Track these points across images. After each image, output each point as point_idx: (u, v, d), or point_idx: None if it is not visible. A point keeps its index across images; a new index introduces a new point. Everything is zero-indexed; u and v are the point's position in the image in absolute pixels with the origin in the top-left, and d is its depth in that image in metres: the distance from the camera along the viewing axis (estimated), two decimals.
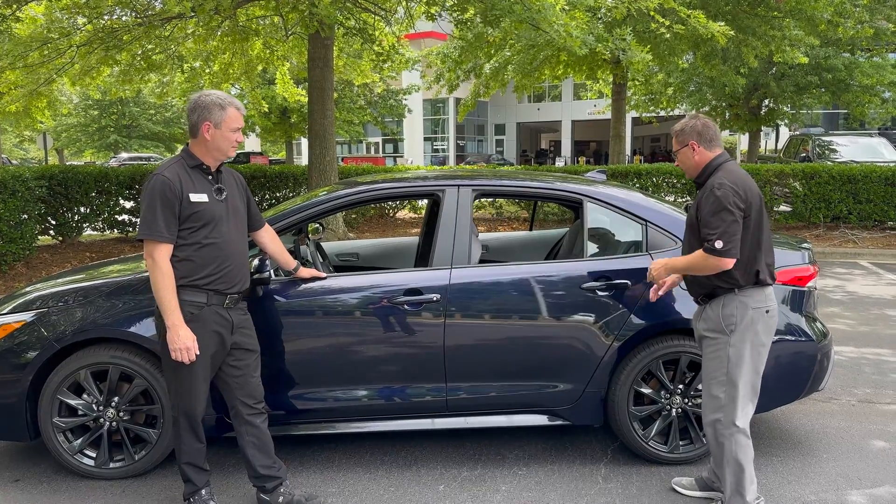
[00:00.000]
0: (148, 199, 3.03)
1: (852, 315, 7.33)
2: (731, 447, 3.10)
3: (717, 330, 3.11)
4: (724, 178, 3.05)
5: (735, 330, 3.07)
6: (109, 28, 9.86)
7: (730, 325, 3.08)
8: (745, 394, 3.10)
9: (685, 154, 3.22)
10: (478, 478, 3.66)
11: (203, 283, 3.09)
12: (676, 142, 3.25)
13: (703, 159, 3.18)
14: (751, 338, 3.07)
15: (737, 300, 3.07)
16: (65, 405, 3.60)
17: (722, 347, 3.10)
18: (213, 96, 3.12)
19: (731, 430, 3.10)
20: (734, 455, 3.10)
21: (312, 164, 10.51)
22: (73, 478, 3.66)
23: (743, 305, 3.07)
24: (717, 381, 3.12)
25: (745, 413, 3.12)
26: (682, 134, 3.22)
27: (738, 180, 3.04)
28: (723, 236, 2.95)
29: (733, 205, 2.98)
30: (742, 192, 3.01)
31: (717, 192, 2.99)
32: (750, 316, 3.06)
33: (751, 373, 3.10)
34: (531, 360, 3.69)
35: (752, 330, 3.07)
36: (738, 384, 3.08)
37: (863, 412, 4.59)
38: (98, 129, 42.02)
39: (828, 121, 37.52)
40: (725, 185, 3.01)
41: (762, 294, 3.10)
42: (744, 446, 3.10)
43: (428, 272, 3.71)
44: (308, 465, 3.81)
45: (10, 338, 3.61)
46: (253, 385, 3.30)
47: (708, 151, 3.18)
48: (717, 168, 3.15)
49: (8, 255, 8.57)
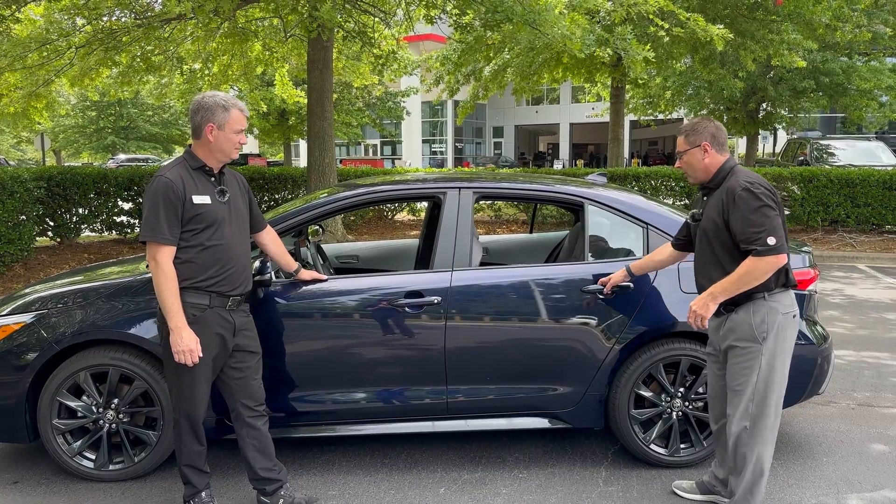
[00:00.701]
0: (150, 200, 3.02)
1: (851, 319, 7.34)
2: (756, 453, 3.02)
3: (749, 339, 2.98)
4: (750, 177, 2.95)
5: (767, 337, 2.96)
6: (109, 29, 9.86)
7: (762, 332, 2.96)
8: (776, 401, 3.02)
9: (694, 155, 3.11)
10: (478, 481, 3.65)
11: (206, 285, 3.09)
12: (686, 142, 3.13)
13: (714, 162, 3.10)
14: (781, 344, 2.99)
15: (766, 306, 2.96)
16: (64, 407, 3.58)
17: (754, 357, 2.98)
18: (216, 98, 3.11)
19: (762, 438, 3.02)
20: (759, 462, 3.03)
21: (311, 165, 10.51)
22: (73, 480, 3.65)
23: (773, 311, 2.96)
24: (748, 391, 3.00)
25: (776, 420, 3.05)
26: (695, 133, 3.11)
27: (762, 180, 2.96)
28: (773, 231, 2.84)
29: (770, 200, 2.90)
30: (771, 191, 2.93)
31: (755, 191, 2.88)
32: (780, 322, 2.97)
33: (782, 379, 3.02)
34: (532, 363, 3.69)
35: (783, 336, 2.98)
36: (770, 392, 2.99)
37: (862, 416, 4.60)
38: (96, 130, 41.97)
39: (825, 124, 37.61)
40: (756, 182, 2.92)
41: (789, 298, 3.02)
42: (765, 459, 3.04)
43: (429, 274, 3.71)
44: (309, 468, 3.81)
45: (9, 339, 3.60)
46: (254, 387, 3.29)
47: (719, 155, 3.10)
48: (731, 171, 3.07)
49: (6, 257, 8.55)
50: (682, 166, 3.19)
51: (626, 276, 3.61)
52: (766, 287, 2.95)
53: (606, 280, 3.63)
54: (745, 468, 3.05)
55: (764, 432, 3.02)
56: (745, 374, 3.01)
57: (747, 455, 3.04)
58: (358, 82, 14.24)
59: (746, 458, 3.04)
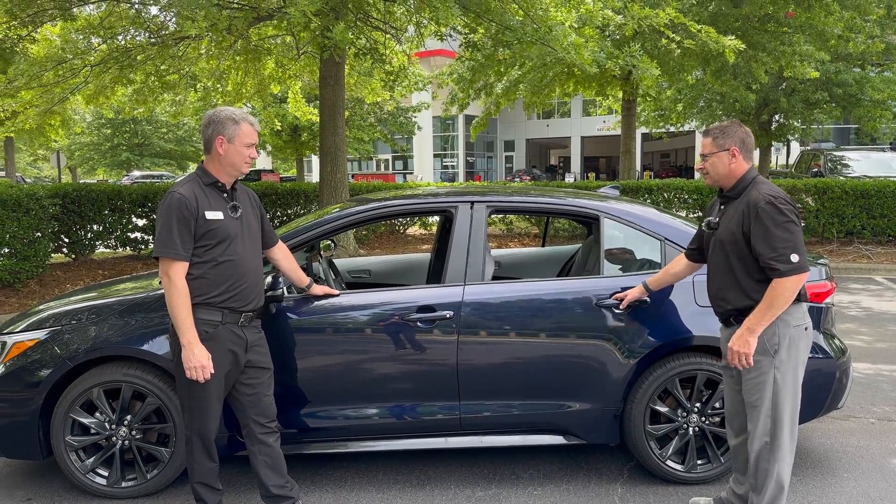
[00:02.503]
0: (164, 216, 3.03)
1: (869, 331, 7.24)
2: (776, 469, 2.98)
3: (761, 352, 2.94)
4: (773, 191, 2.91)
5: (779, 350, 2.93)
6: (124, 48, 9.97)
7: (773, 345, 2.93)
8: (791, 414, 2.98)
9: (721, 159, 3.03)
10: (492, 497, 3.61)
11: (218, 301, 3.08)
12: (714, 144, 3.04)
13: (739, 169, 3.04)
14: (794, 357, 2.95)
15: (779, 318, 2.91)
16: (77, 423, 3.58)
17: (766, 370, 2.95)
18: (227, 112, 3.13)
19: (780, 453, 2.98)
20: (779, 477, 2.98)
21: (323, 181, 10.55)
22: (85, 497, 3.64)
23: (785, 324, 2.92)
24: (765, 405, 2.96)
25: (793, 433, 3.00)
26: (724, 136, 3.03)
27: (784, 194, 2.92)
28: (796, 248, 2.82)
29: (793, 214, 2.86)
30: (794, 205, 2.90)
31: (779, 206, 2.84)
32: (791, 335, 2.93)
33: (795, 392, 2.98)
34: (545, 378, 3.65)
35: (794, 348, 2.95)
36: (785, 406, 2.95)
37: (882, 430, 4.52)
38: (111, 147, 42.42)
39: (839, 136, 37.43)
40: (781, 197, 2.87)
41: (800, 311, 2.98)
42: (785, 473, 3.00)
43: (441, 289, 3.69)
44: (320, 485, 3.78)
45: (23, 356, 3.61)
46: (266, 404, 3.28)
47: (745, 162, 3.05)
48: (753, 182, 3.02)
49: (21, 273, 8.62)
50: (706, 168, 3.10)
51: (644, 293, 3.58)
52: None
53: (623, 296, 3.60)
54: (766, 484, 3.00)
55: (783, 446, 2.98)
56: (759, 388, 2.97)
57: (768, 470, 2.99)
58: (370, 98, 14.30)
59: (768, 473, 2.99)
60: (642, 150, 47.00)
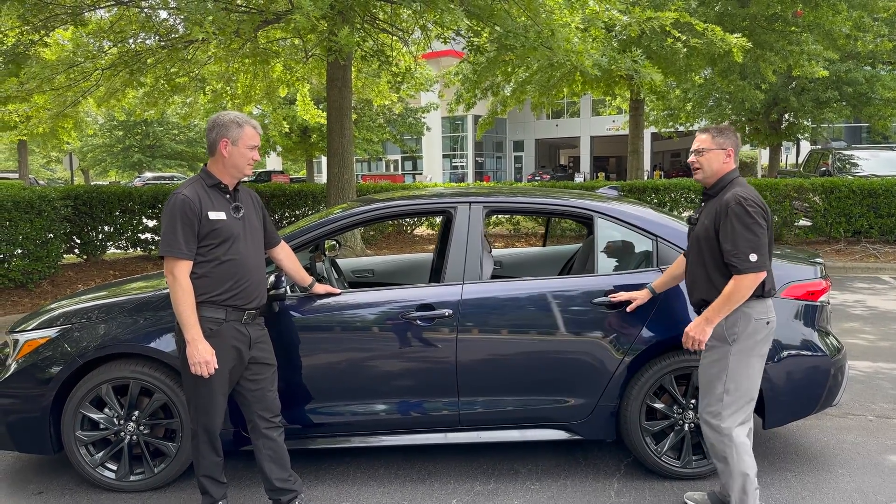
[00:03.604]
0: (168, 217, 3.12)
1: (872, 330, 7.26)
2: (734, 457, 3.12)
3: (720, 339, 3.14)
4: (746, 192, 3.08)
5: (737, 340, 3.11)
6: (134, 52, 10.11)
7: (732, 334, 3.11)
8: (744, 403, 3.13)
9: (716, 156, 3.19)
10: (491, 492, 3.69)
11: (221, 299, 3.17)
12: (713, 141, 3.20)
13: (726, 169, 3.21)
14: (751, 348, 3.11)
15: (739, 311, 3.10)
16: (87, 419, 3.69)
17: (723, 356, 3.13)
18: (231, 115, 3.22)
19: (731, 440, 3.12)
20: (738, 466, 3.12)
21: (331, 182, 10.65)
22: (95, 490, 3.74)
23: (746, 316, 3.10)
24: (717, 390, 3.15)
25: (745, 422, 3.15)
26: (723, 136, 3.20)
27: (756, 196, 3.09)
28: (756, 249, 3.00)
29: (760, 217, 3.03)
30: (763, 207, 3.06)
31: (748, 207, 3.01)
32: (752, 326, 3.10)
33: (749, 382, 3.13)
34: (543, 375, 3.73)
35: (753, 340, 3.11)
36: (737, 393, 3.12)
37: (879, 427, 4.56)
38: (123, 149, 42.78)
39: (850, 134, 37.22)
40: (750, 199, 3.05)
41: (764, 305, 3.14)
42: (745, 455, 3.13)
43: (440, 288, 3.77)
44: (324, 479, 3.87)
45: (35, 353, 3.72)
46: (270, 399, 3.37)
47: (734, 164, 3.24)
48: (733, 181, 3.19)
49: (34, 274, 8.77)
50: (700, 162, 3.24)
51: (650, 296, 3.64)
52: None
53: (628, 298, 3.66)
54: (731, 470, 3.13)
55: (738, 431, 3.12)
56: (712, 372, 3.17)
57: (729, 456, 3.13)
58: (378, 101, 14.39)
59: (729, 459, 3.13)
60: (653, 150, 46.89)
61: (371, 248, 12.71)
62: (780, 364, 3.75)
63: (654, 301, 3.68)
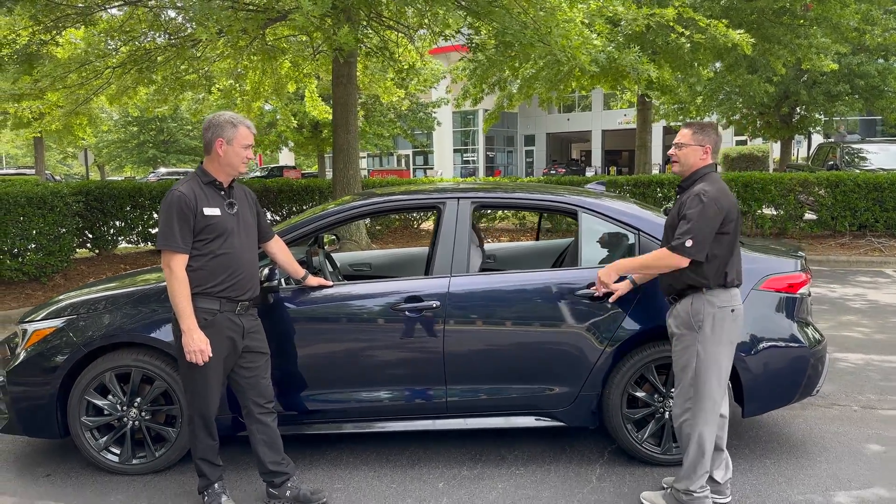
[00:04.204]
0: (165, 212, 3.28)
1: (870, 323, 7.32)
2: (695, 438, 3.27)
3: (686, 327, 3.29)
4: (709, 187, 3.24)
5: (702, 327, 3.24)
6: (143, 50, 10.31)
7: (698, 322, 3.25)
8: (711, 389, 3.26)
9: (694, 152, 3.35)
10: (476, 476, 3.83)
11: (216, 290, 3.33)
12: (693, 137, 3.35)
13: (702, 164, 3.36)
14: (717, 335, 3.24)
15: (704, 299, 3.25)
16: (92, 405, 3.87)
17: (690, 344, 3.28)
18: (225, 116, 3.38)
19: (700, 419, 3.26)
20: (697, 447, 3.27)
21: (336, 177, 10.81)
22: (99, 473, 3.92)
23: (710, 304, 3.24)
24: (686, 377, 3.30)
25: (712, 407, 3.27)
26: (703, 133, 3.35)
27: (720, 192, 3.23)
28: (695, 237, 3.17)
29: (714, 213, 3.18)
30: (723, 204, 3.20)
31: (704, 199, 3.19)
32: (715, 314, 3.23)
33: (717, 369, 3.25)
34: (527, 364, 3.86)
35: (719, 328, 3.24)
36: (704, 379, 3.25)
37: (863, 417, 4.65)
38: (137, 144, 43.18)
39: (866, 127, 36.94)
40: (710, 193, 3.21)
41: (728, 294, 3.27)
42: (707, 441, 3.27)
43: (428, 280, 3.91)
44: (318, 464, 4.03)
45: (43, 342, 3.90)
46: (263, 386, 3.53)
47: (710, 160, 3.38)
48: (705, 176, 3.33)
49: (47, 268, 9.00)
50: (678, 156, 3.40)
51: (631, 287, 3.76)
52: (705, 283, 3.24)
53: (611, 289, 3.76)
54: (688, 448, 3.30)
55: (703, 414, 3.26)
56: (683, 359, 3.31)
57: (690, 436, 3.28)
58: (385, 98, 14.54)
59: (690, 438, 3.28)
60: (665, 143, 46.69)
61: (377, 242, 12.87)
62: (759, 354, 3.86)
63: (635, 293, 3.80)
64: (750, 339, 3.85)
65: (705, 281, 3.24)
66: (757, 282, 3.92)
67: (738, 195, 12.62)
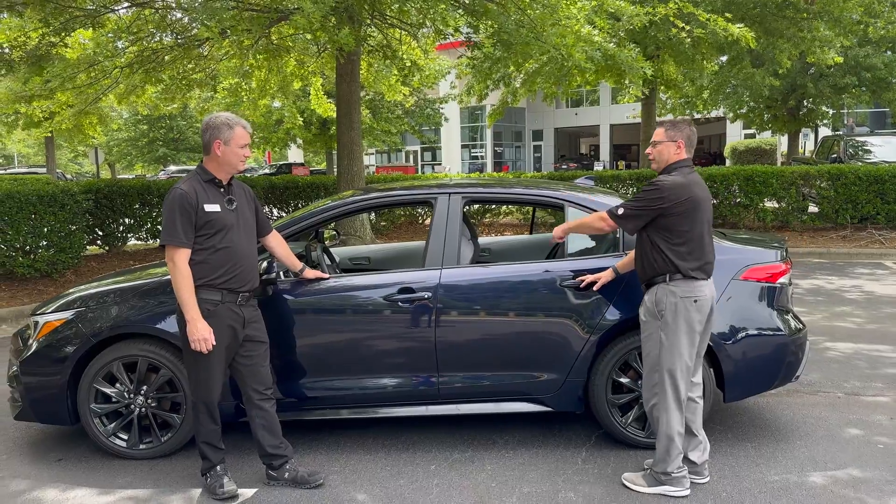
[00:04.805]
0: (168, 209, 3.47)
1: (863, 314, 7.44)
2: (664, 424, 3.44)
3: (650, 315, 3.49)
4: (670, 178, 3.45)
5: (665, 316, 3.42)
6: (151, 50, 10.51)
7: (660, 310, 3.44)
8: (674, 374, 3.43)
9: (667, 148, 3.55)
10: (467, 459, 4.00)
11: (218, 282, 3.51)
12: (665, 134, 3.55)
13: (677, 158, 3.55)
14: (677, 323, 3.41)
15: (667, 289, 3.43)
16: (100, 393, 4.06)
17: (654, 331, 3.47)
18: (222, 117, 3.55)
19: (665, 404, 3.44)
20: (666, 431, 3.45)
21: (341, 173, 11.00)
22: (109, 457, 4.12)
23: (672, 294, 3.42)
24: (651, 365, 3.49)
25: (676, 394, 3.44)
26: (675, 130, 3.55)
27: (675, 183, 3.41)
28: (628, 209, 3.45)
29: (656, 199, 3.41)
30: (671, 194, 3.39)
31: (656, 184, 3.44)
32: (677, 303, 3.41)
33: (680, 355, 3.42)
34: (515, 352, 4.03)
35: (679, 316, 3.41)
36: (668, 366, 3.43)
37: (846, 403, 4.79)
38: (147, 142, 43.53)
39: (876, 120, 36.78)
40: (664, 181, 3.44)
41: (691, 285, 3.43)
42: (674, 424, 3.43)
43: (420, 272, 4.08)
44: (317, 448, 4.21)
45: (53, 333, 4.10)
46: (263, 373, 3.71)
47: (685, 154, 3.56)
48: (675, 170, 3.51)
49: (58, 264, 9.23)
50: (654, 153, 3.61)
51: (613, 275, 3.94)
52: (666, 275, 3.43)
53: (595, 278, 3.95)
54: (658, 431, 3.48)
55: (668, 399, 3.44)
56: (648, 346, 3.51)
57: (659, 419, 3.46)
58: (389, 95, 14.70)
59: (659, 421, 3.46)
60: None
61: (382, 237, 13.05)
62: (739, 342, 4.01)
63: (619, 283, 3.95)
64: (730, 327, 4.00)
65: (669, 272, 3.42)
66: (737, 272, 4.07)
67: (739, 188, 12.73)
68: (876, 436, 4.24)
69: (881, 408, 4.70)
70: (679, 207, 3.38)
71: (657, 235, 3.46)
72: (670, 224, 3.41)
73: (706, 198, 3.49)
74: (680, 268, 3.41)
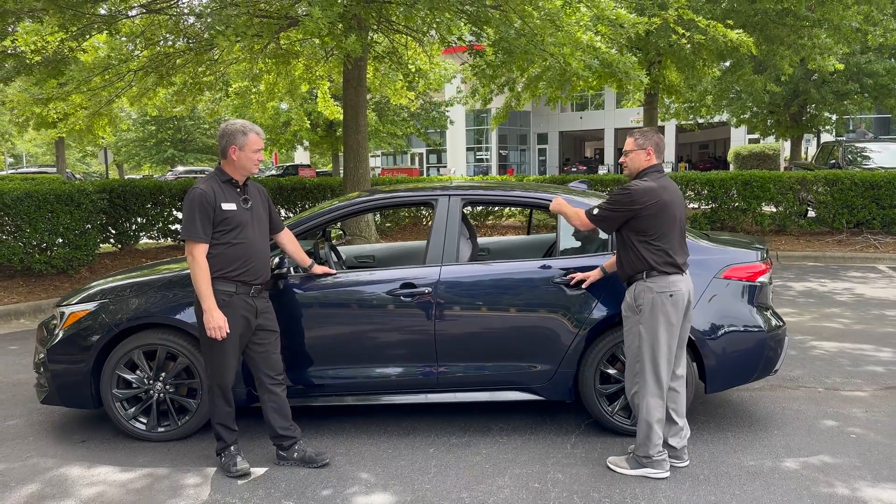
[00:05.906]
0: (188, 207, 3.76)
1: (851, 315, 7.68)
2: (644, 410, 3.72)
3: (631, 310, 3.77)
4: (640, 182, 3.74)
5: (643, 310, 3.69)
6: (163, 54, 10.83)
7: (639, 305, 3.71)
8: (655, 366, 3.69)
9: (637, 156, 3.84)
10: (464, 444, 4.28)
11: (233, 275, 3.80)
12: (635, 143, 3.85)
13: (647, 165, 3.84)
14: (655, 317, 3.67)
15: (644, 285, 3.70)
16: (122, 379, 4.35)
17: (634, 325, 3.75)
18: (237, 124, 3.85)
19: (644, 392, 3.71)
20: (645, 417, 3.72)
21: (347, 176, 11.29)
22: (129, 439, 4.41)
23: (648, 289, 3.69)
24: (633, 356, 3.76)
25: (656, 383, 3.70)
26: (644, 138, 3.85)
27: (646, 187, 3.69)
28: (603, 211, 3.76)
29: (627, 202, 3.69)
30: (642, 197, 3.67)
31: (625, 189, 3.73)
32: (653, 298, 3.68)
33: (659, 346, 3.68)
34: (510, 345, 4.31)
35: (658, 310, 3.67)
36: (647, 358, 3.70)
37: (826, 398, 5.05)
38: (155, 143, 43.99)
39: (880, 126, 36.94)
40: (635, 186, 3.73)
41: (666, 281, 3.70)
42: (653, 410, 3.70)
43: (422, 269, 4.36)
44: (323, 433, 4.49)
45: (77, 323, 4.39)
46: (274, 360, 4.00)
47: (654, 160, 3.84)
48: (647, 174, 3.80)
49: (74, 261, 9.54)
50: (626, 161, 3.92)
51: (601, 274, 4.21)
52: (643, 272, 3.71)
53: (584, 276, 4.23)
54: (639, 417, 3.75)
55: (648, 388, 3.71)
56: (628, 340, 3.79)
57: (640, 406, 3.74)
58: (395, 100, 15.00)
59: (640, 409, 3.75)
60: (679, 142, 46.89)
61: (386, 237, 13.34)
62: (720, 338, 4.28)
63: (606, 281, 4.22)
64: (711, 324, 4.27)
65: (645, 269, 3.70)
66: (719, 271, 4.34)
67: (738, 193, 12.96)
68: (850, 427, 4.49)
69: (858, 402, 4.96)
70: (650, 210, 3.65)
71: (634, 236, 3.74)
72: (643, 226, 3.69)
73: (676, 200, 3.76)
74: (654, 265, 3.68)
